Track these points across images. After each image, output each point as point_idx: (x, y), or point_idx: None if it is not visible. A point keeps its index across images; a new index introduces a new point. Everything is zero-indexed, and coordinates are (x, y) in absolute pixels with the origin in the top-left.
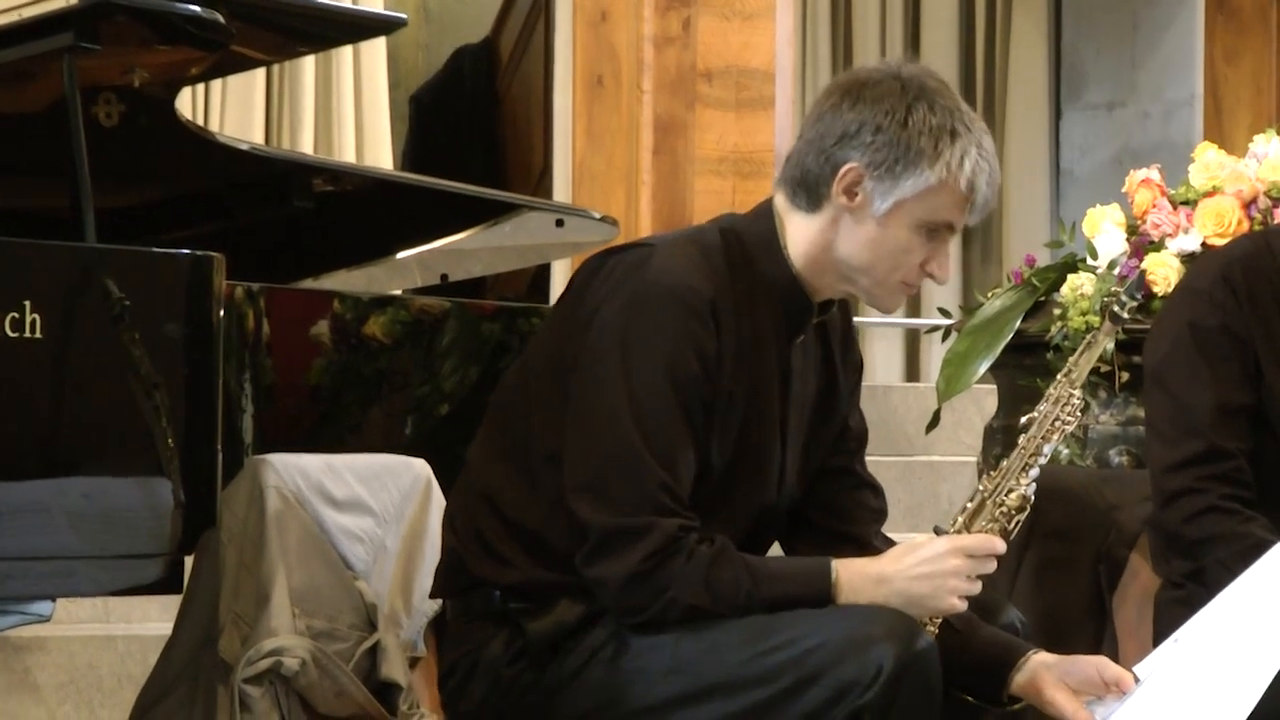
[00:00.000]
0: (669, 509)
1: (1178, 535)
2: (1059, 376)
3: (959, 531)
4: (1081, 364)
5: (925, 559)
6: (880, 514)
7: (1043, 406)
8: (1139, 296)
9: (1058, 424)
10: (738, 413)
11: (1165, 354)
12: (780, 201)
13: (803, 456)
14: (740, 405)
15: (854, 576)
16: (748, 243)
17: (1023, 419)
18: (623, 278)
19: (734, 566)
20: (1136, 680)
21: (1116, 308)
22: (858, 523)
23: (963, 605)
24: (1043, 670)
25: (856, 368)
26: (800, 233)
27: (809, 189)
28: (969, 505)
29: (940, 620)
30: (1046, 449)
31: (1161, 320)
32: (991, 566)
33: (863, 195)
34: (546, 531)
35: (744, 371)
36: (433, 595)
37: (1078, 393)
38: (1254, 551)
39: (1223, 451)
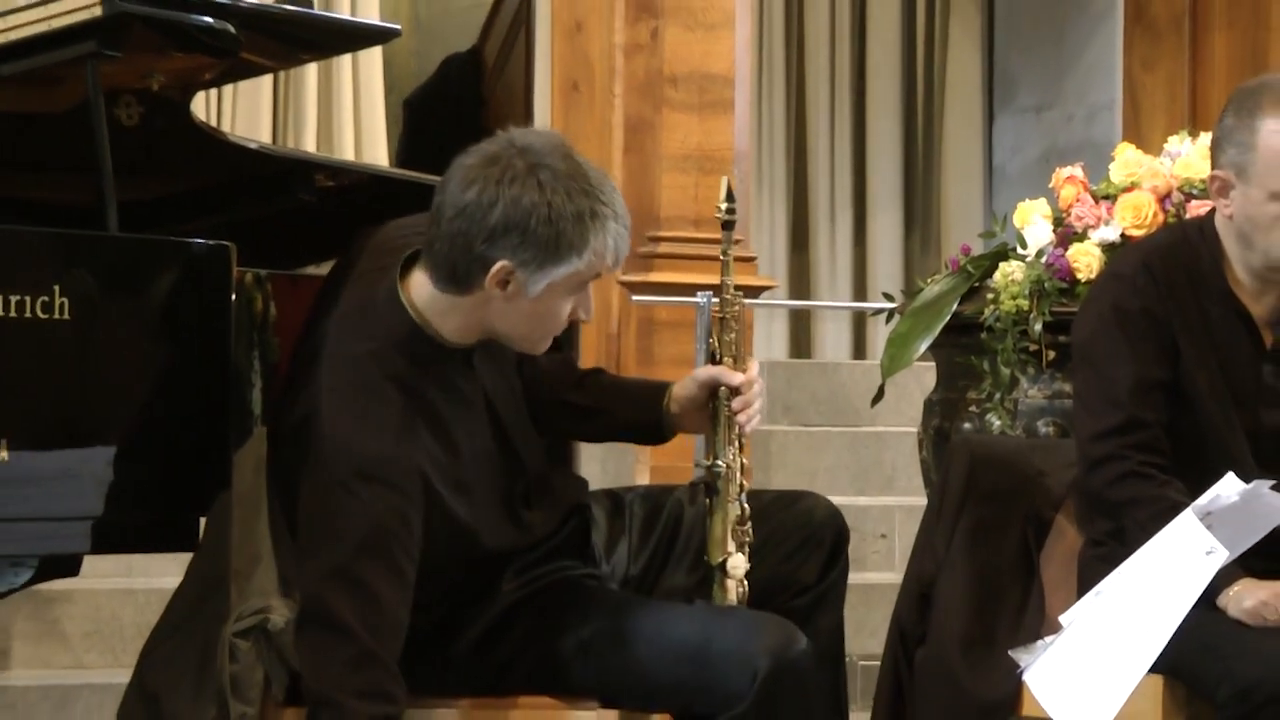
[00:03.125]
0: (371, 691)
1: (1100, 498)
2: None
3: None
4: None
5: None
6: (573, 370)
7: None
8: (735, 198)
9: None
10: (470, 483)
11: (1091, 333)
12: (423, 280)
13: (527, 423)
14: (468, 475)
15: None
16: (401, 329)
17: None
18: (307, 455)
19: None
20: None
21: (724, 215)
22: (578, 401)
23: None
24: (677, 387)
25: None
26: (444, 307)
27: (458, 281)
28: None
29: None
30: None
31: (1088, 302)
32: None
33: (515, 285)
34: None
35: (450, 447)
36: None
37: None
38: (1169, 512)
39: (1140, 422)
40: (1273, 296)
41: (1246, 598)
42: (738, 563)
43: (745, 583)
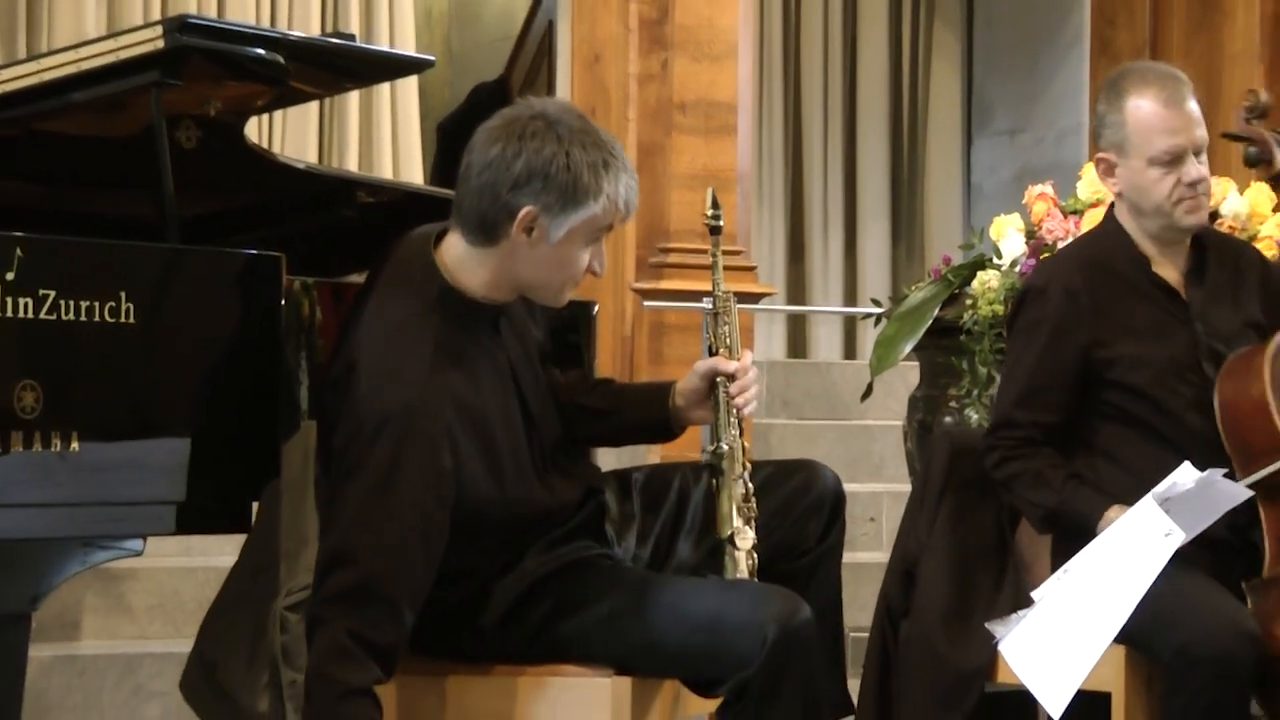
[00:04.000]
0: (359, 619)
1: (995, 483)
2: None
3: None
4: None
5: None
6: (587, 378)
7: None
8: (720, 205)
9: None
10: (495, 432)
11: (1008, 341)
12: (455, 240)
13: (546, 397)
14: (494, 424)
15: None
16: (435, 287)
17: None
18: (343, 402)
19: None
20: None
21: (711, 221)
22: (593, 404)
23: None
24: (680, 383)
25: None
26: (475, 261)
27: (487, 231)
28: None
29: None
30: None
31: (1013, 310)
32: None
33: (539, 230)
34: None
35: (476, 392)
36: None
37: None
38: (1038, 479)
39: (1015, 423)
40: (1180, 259)
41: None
42: (745, 536)
43: (754, 555)
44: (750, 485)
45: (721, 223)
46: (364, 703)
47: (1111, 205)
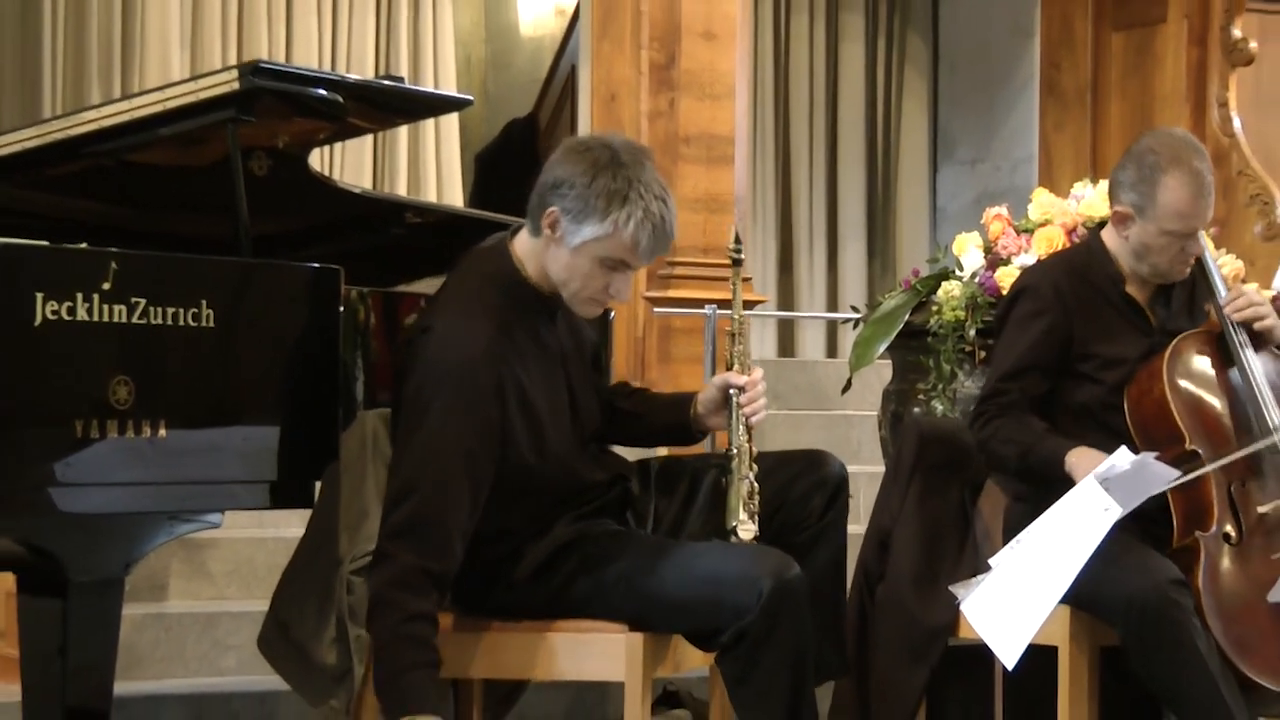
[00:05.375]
0: (419, 550)
1: (976, 442)
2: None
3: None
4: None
5: None
6: (624, 386)
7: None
8: (741, 240)
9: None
10: (539, 406)
11: (1001, 326)
12: (524, 232)
13: (590, 391)
14: (540, 399)
15: None
16: (504, 272)
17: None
18: (414, 358)
19: (411, 655)
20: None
21: (733, 254)
22: (626, 407)
23: None
24: (700, 394)
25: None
26: (532, 251)
27: (533, 221)
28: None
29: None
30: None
31: (1004, 304)
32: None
33: (560, 231)
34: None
35: (526, 370)
36: None
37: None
38: (1020, 423)
39: (1004, 391)
40: (1152, 287)
41: (1079, 469)
42: (748, 528)
43: (755, 545)
44: (756, 484)
45: (743, 256)
46: (425, 625)
47: (1100, 225)
